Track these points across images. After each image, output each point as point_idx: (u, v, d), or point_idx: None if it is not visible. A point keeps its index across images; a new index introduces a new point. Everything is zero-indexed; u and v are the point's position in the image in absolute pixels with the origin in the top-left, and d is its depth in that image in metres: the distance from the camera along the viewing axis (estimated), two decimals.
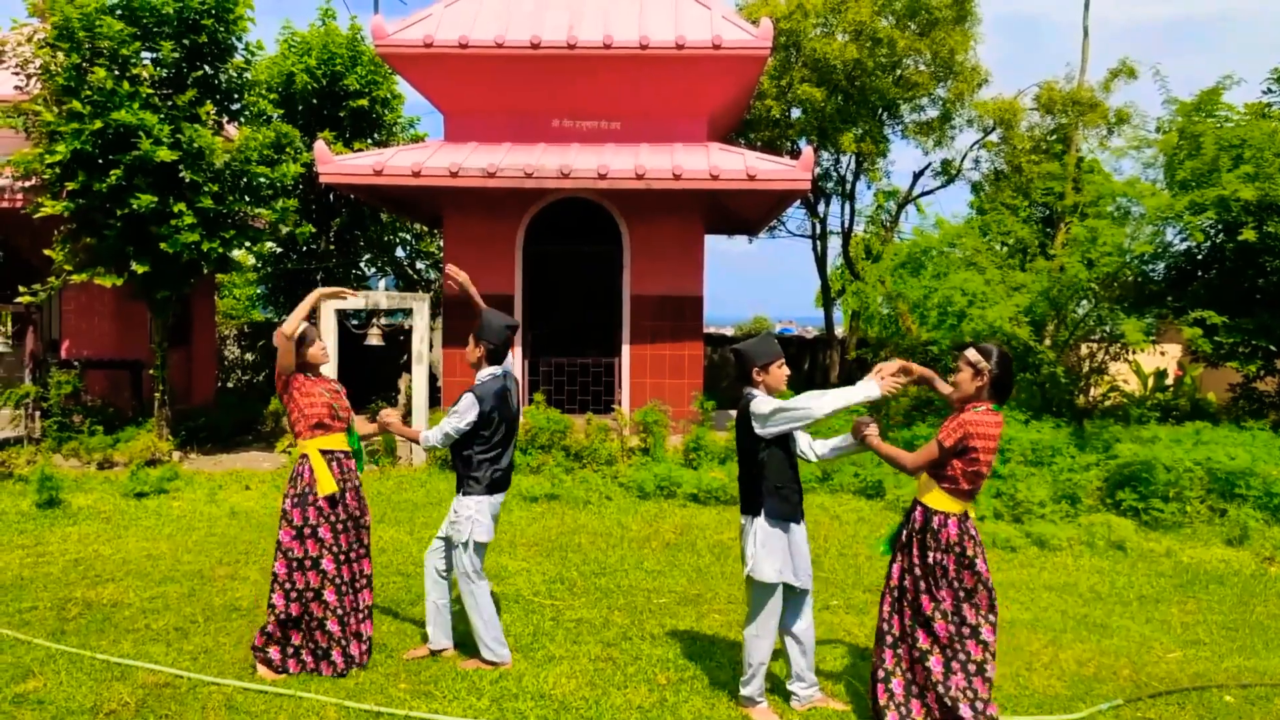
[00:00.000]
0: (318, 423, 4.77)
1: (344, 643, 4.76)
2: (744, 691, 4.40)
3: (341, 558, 4.78)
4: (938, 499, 4.11)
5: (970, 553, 4.06)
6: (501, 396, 4.87)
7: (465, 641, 5.09)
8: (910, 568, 4.17)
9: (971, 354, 4.11)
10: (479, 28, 11.37)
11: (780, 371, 4.37)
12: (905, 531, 4.24)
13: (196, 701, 4.41)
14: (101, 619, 5.59)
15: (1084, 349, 12.60)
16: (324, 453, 4.77)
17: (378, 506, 8.88)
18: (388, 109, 15.62)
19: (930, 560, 4.08)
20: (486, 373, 4.91)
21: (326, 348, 4.97)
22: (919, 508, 4.18)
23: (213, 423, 12.33)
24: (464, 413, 4.79)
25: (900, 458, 4.26)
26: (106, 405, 11.90)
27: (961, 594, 4.05)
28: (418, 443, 5.04)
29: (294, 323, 4.64)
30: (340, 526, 4.77)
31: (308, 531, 4.70)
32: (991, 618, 4.10)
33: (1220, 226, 11.42)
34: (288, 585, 4.70)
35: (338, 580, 4.75)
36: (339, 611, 4.74)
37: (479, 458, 4.82)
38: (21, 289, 10.57)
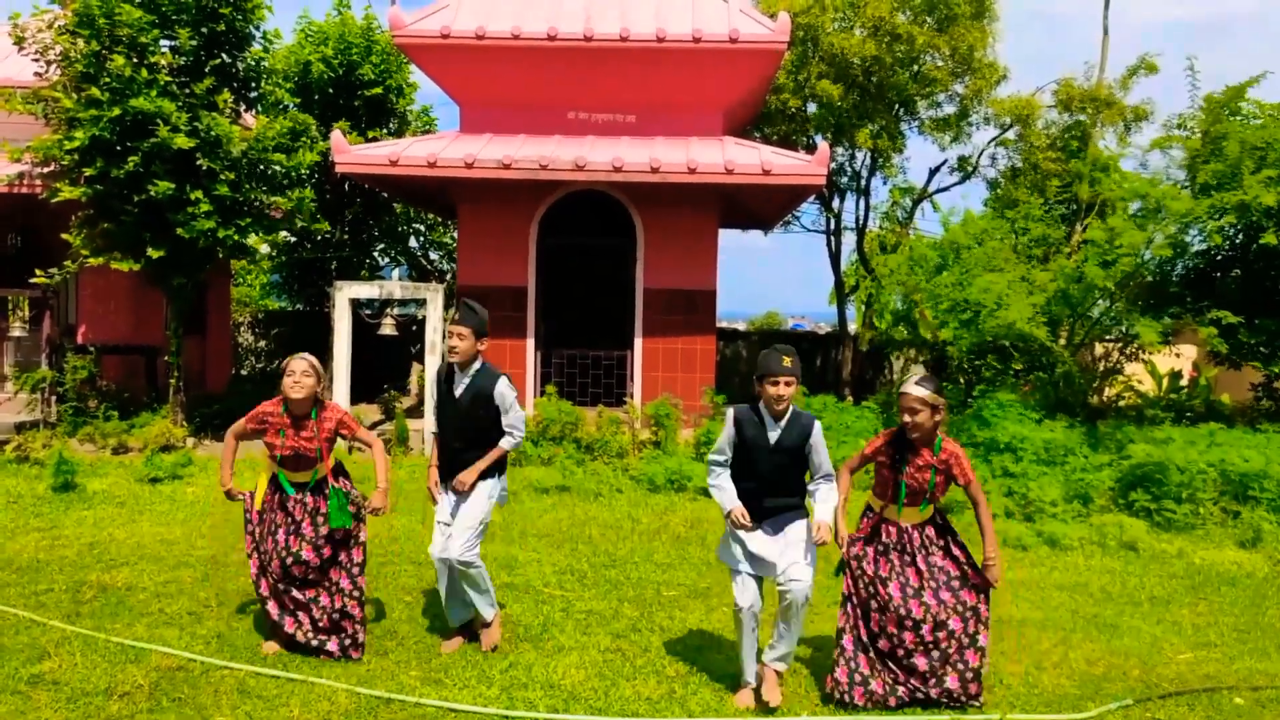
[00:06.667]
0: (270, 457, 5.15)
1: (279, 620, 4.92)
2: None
3: (269, 555, 4.98)
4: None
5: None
6: None
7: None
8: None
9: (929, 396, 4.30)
10: (496, 19, 11.37)
11: (770, 389, 4.25)
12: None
13: (209, 685, 4.46)
14: (116, 602, 5.65)
15: (1099, 349, 12.54)
16: (273, 479, 5.18)
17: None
18: (401, 98, 15.66)
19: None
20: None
21: (294, 385, 5.06)
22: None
23: (227, 409, 12.36)
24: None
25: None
26: (122, 390, 11.97)
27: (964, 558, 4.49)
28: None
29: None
30: (268, 528, 5.06)
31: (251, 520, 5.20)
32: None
33: (1240, 229, 11.34)
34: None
35: (267, 575, 4.98)
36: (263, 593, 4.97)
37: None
38: (39, 272, 10.65)
